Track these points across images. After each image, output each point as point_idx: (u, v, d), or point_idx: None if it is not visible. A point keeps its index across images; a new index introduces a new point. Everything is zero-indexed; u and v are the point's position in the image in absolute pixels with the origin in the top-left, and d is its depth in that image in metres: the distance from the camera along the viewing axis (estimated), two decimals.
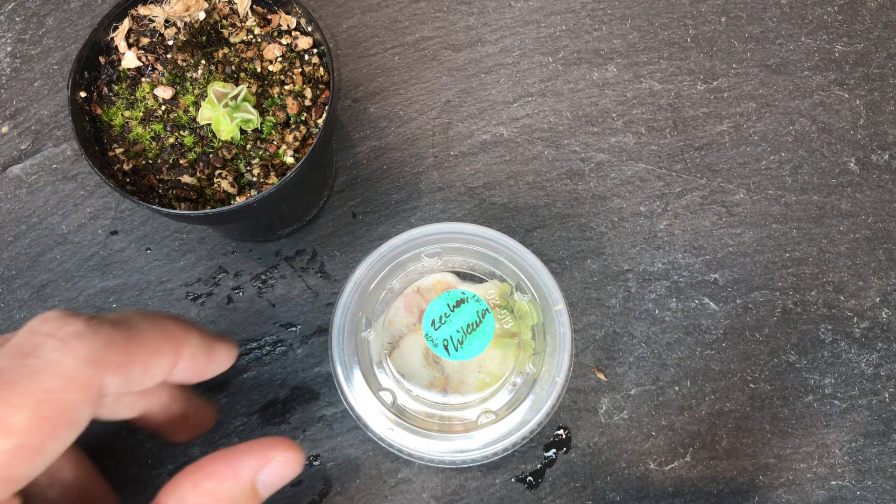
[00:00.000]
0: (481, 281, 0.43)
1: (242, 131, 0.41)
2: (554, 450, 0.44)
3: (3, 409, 0.24)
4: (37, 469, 0.25)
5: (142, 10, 0.43)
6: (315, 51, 0.43)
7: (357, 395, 0.40)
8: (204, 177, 0.41)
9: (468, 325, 0.40)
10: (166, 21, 0.42)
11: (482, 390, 0.41)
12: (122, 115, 0.42)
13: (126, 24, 0.42)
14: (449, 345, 0.40)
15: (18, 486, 0.25)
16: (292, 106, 0.41)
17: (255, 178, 0.40)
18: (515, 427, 0.39)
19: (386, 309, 0.43)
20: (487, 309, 0.41)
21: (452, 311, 0.41)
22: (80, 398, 0.26)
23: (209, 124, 0.41)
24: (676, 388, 0.45)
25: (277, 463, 0.31)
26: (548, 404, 0.39)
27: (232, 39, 0.43)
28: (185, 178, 0.40)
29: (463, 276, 0.43)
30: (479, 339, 0.40)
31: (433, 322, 0.41)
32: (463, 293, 0.41)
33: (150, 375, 0.29)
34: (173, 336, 0.30)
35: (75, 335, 0.26)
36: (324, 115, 0.41)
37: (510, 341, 0.42)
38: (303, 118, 0.41)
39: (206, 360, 0.32)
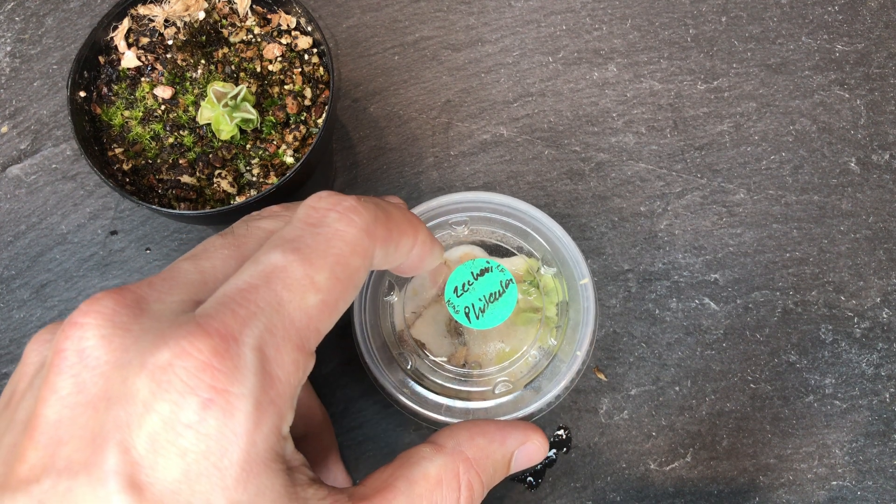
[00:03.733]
0: (509, 254, 0.43)
1: (242, 131, 0.41)
2: (554, 450, 0.44)
3: (309, 268, 0.27)
4: (330, 325, 0.28)
5: (141, 10, 0.42)
6: (315, 50, 0.43)
7: (375, 356, 0.40)
8: (203, 177, 0.40)
9: (490, 295, 0.40)
10: (166, 21, 0.42)
11: (501, 361, 0.41)
12: (121, 114, 0.42)
13: (126, 23, 0.42)
14: (470, 312, 0.40)
15: (320, 339, 0.28)
16: (292, 106, 0.41)
17: (254, 178, 0.40)
18: (533, 398, 0.39)
19: (412, 278, 0.42)
20: (511, 279, 0.41)
21: (476, 279, 0.41)
22: (360, 263, 0.29)
23: (209, 124, 0.41)
24: (677, 389, 0.45)
25: (534, 445, 0.35)
26: (567, 377, 0.39)
27: (232, 39, 0.43)
28: (185, 178, 0.40)
29: (491, 251, 0.43)
30: (501, 309, 0.40)
31: (456, 289, 0.40)
32: (488, 262, 0.41)
33: (399, 253, 0.32)
34: (412, 220, 0.33)
35: (352, 209, 0.29)
36: (323, 115, 0.41)
37: (534, 316, 0.42)
38: (302, 118, 0.41)
39: (430, 250, 0.35)
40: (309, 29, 0.43)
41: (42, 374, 0.26)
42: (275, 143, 0.41)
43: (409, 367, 0.41)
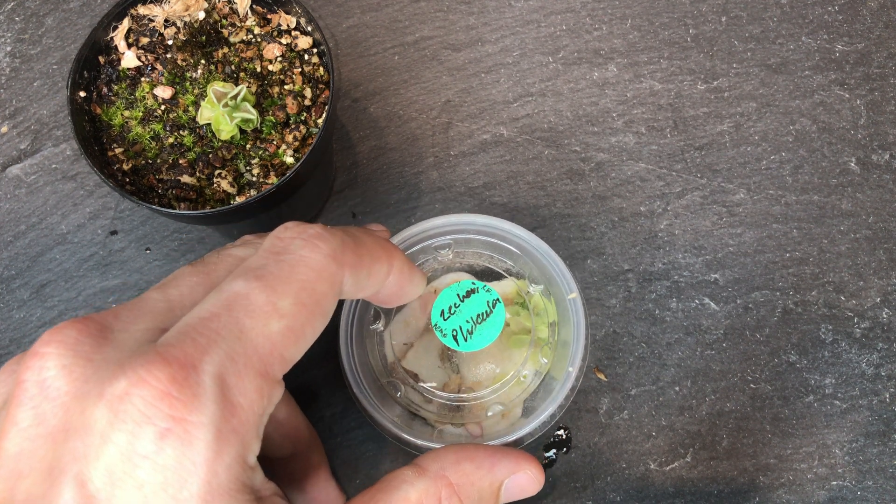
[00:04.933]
0: (499, 278, 0.43)
1: (242, 131, 0.41)
2: (554, 450, 0.44)
3: (272, 295, 0.27)
4: (298, 353, 0.28)
5: (141, 10, 0.42)
6: (315, 50, 0.43)
7: (365, 387, 0.40)
8: (203, 177, 0.40)
9: (478, 316, 0.40)
10: (166, 21, 0.42)
11: (494, 384, 0.41)
12: (121, 114, 0.42)
13: (126, 23, 0.42)
14: (458, 335, 0.40)
15: (287, 367, 0.27)
16: (292, 106, 0.41)
17: (254, 178, 0.40)
18: (527, 420, 0.39)
19: (402, 308, 0.42)
20: (498, 299, 0.40)
21: (462, 301, 0.40)
22: (327, 289, 0.29)
23: (209, 124, 0.41)
24: (677, 389, 0.45)
25: (526, 476, 0.33)
26: (561, 395, 0.39)
27: (232, 39, 0.43)
28: (185, 178, 0.40)
29: (480, 276, 0.43)
30: (490, 329, 0.40)
31: (442, 312, 0.40)
32: (473, 283, 0.41)
33: (373, 280, 0.32)
34: (386, 247, 0.33)
35: (317, 235, 0.29)
36: (323, 115, 0.41)
37: (526, 338, 0.41)
38: (302, 118, 0.41)
39: (409, 278, 0.34)
40: (309, 29, 0.43)
41: (5, 406, 0.26)
42: (275, 143, 0.41)
43: (398, 395, 0.41)
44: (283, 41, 0.43)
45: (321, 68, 0.42)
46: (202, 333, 0.26)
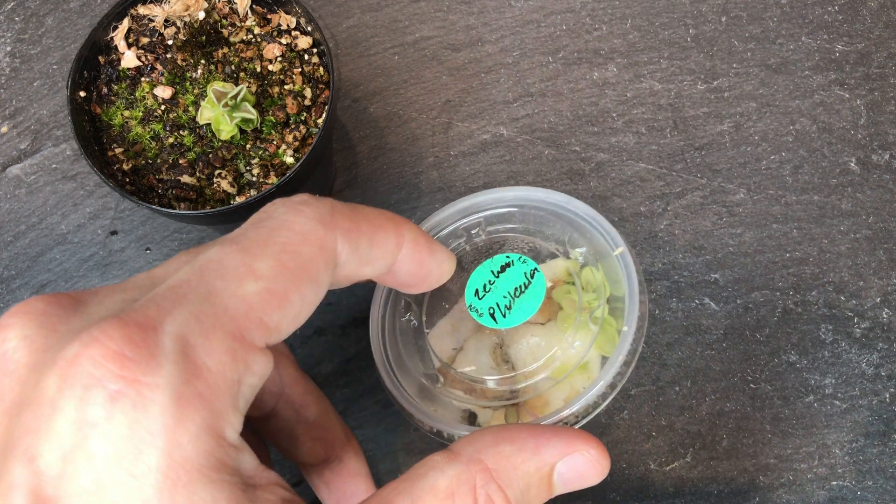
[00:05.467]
0: (542, 262, 0.39)
1: (242, 131, 0.41)
2: None
3: (247, 257, 0.25)
4: (285, 322, 0.25)
5: (141, 10, 0.43)
6: (315, 50, 0.43)
7: (399, 380, 0.37)
8: (203, 177, 0.40)
9: (516, 289, 0.36)
10: (166, 21, 0.42)
11: (547, 367, 0.37)
12: (121, 114, 0.42)
13: (126, 23, 0.42)
14: (496, 312, 0.36)
15: (271, 335, 0.25)
16: (292, 106, 0.41)
17: (254, 178, 0.40)
18: (582, 392, 0.34)
19: (449, 309, 0.39)
20: (536, 268, 0.36)
21: (497, 276, 0.37)
22: (315, 254, 0.26)
23: (209, 124, 0.41)
24: (677, 389, 0.45)
25: (583, 457, 0.28)
26: (618, 360, 0.34)
27: (231, 39, 0.43)
28: (185, 178, 0.40)
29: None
30: (530, 301, 0.36)
31: (476, 292, 0.37)
32: (507, 256, 0.37)
33: (377, 252, 0.29)
34: (392, 216, 0.30)
35: (302, 202, 0.27)
36: (323, 115, 0.41)
37: (581, 316, 0.37)
38: (302, 118, 0.41)
39: (428, 251, 0.31)
40: (309, 29, 0.43)
41: None
42: (275, 143, 0.41)
43: (441, 390, 0.37)
44: (283, 41, 0.43)
45: (321, 68, 0.42)
46: (167, 297, 0.23)
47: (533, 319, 0.37)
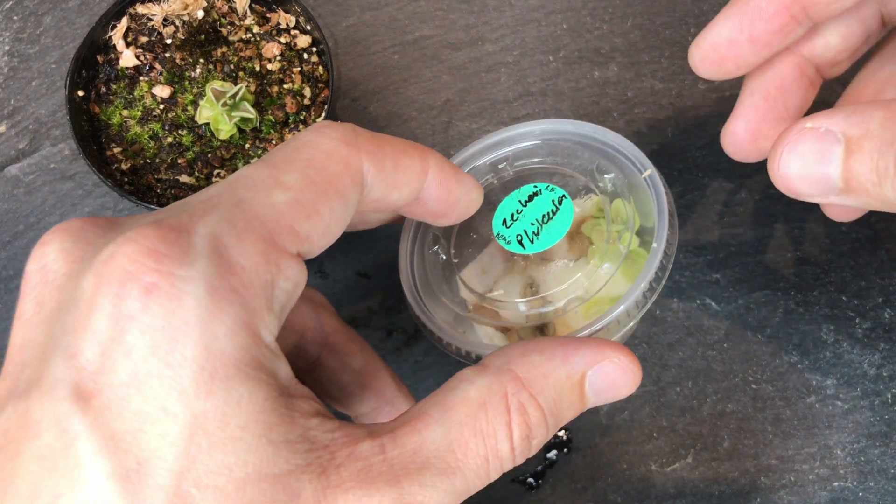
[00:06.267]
0: (573, 196, 0.39)
1: (241, 130, 0.41)
2: (555, 451, 0.44)
3: (274, 171, 0.25)
4: (315, 234, 0.26)
5: (140, 9, 0.42)
6: (314, 49, 0.43)
7: (427, 307, 0.37)
8: (202, 176, 0.40)
9: (543, 216, 0.36)
10: (165, 20, 0.42)
11: (576, 291, 0.37)
12: (120, 114, 0.41)
13: (124, 22, 0.42)
14: (524, 239, 0.36)
15: (304, 246, 0.25)
16: (291, 105, 0.41)
17: None
18: (612, 307, 0.34)
19: (477, 254, 0.39)
20: (564, 195, 0.36)
21: (525, 206, 0.37)
22: (341, 170, 0.26)
23: (208, 123, 0.40)
24: (678, 389, 0.45)
25: (613, 365, 0.28)
26: (649, 274, 0.34)
27: (230, 38, 0.42)
28: (184, 178, 0.40)
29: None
30: (557, 226, 0.36)
31: (504, 221, 0.37)
32: (535, 186, 0.37)
33: (402, 176, 0.29)
34: (416, 144, 0.30)
35: (325, 124, 0.28)
36: (323, 115, 0.41)
37: (612, 248, 0.37)
38: (302, 117, 0.41)
39: (455, 179, 0.31)
40: (308, 28, 0.43)
41: None
42: (274, 142, 0.41)
43: (470, 315, 0.37)
44: (283, 40, 0.42)
45: (320, 67, 0.42)
46: (198, 206, 0.24)
47: (565, 256, 0.37)
